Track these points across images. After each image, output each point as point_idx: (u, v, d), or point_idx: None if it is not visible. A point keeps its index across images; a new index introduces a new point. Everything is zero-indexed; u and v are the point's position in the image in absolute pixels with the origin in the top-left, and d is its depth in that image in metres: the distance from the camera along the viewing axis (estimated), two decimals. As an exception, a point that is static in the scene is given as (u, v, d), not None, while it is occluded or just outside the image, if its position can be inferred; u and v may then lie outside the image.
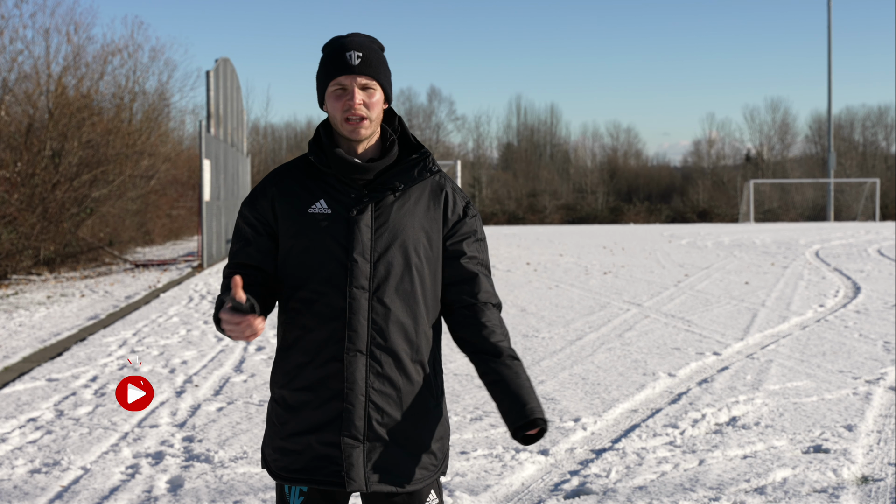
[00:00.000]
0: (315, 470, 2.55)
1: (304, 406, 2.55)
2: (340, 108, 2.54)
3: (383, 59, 2.60)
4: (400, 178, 2.59)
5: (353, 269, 2.52)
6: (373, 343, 2.53)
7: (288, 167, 2.66)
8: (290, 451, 2.57)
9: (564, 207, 53.76)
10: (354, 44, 2.55)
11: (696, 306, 11.80)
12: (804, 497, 4.58)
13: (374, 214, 2.55)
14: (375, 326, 2.53)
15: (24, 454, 5.46)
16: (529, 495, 4.69)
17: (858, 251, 21.51)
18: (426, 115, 60.72)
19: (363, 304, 2.52)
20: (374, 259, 2.54)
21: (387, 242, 2.54)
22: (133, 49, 26.50)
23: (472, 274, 2.62)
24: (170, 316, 11.45)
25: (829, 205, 46.37)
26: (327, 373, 2.53)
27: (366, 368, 2.53)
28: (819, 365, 7.86)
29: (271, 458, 2.63)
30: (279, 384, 2.61)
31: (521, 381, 2.55)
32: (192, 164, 31.33)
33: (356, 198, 2.56)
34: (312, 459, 2.55)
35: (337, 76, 2.54)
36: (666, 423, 5.97)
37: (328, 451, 2.53)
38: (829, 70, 45.02)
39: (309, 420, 2.55)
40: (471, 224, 2.65)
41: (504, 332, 2.62)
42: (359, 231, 2.53)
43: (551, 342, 9.20)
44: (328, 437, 2.53)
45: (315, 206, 2.56)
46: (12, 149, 17.54)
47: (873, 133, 61.07)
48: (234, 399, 6.80)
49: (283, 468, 2.59)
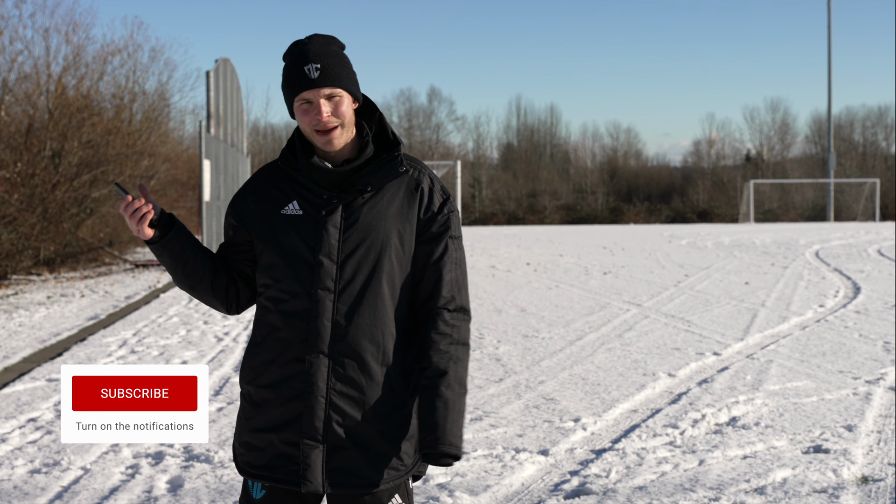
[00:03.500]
0: (275, 468, 2.56)
1: (268, 403, 2.58)
2: (309, 123, 2.54)
3: (344, 62, 2.57)
4: (370, 178, 2.57)
5: (319, 270, 2.53)
6: (335, 345, 2.53)
7: (264, 170, 2.70)
8: (254, 447, 2.60)
9: (564, 208, 53.75)
10: (311, 54, 2.53)
11: (696, 306, 11.80)
12: (804, 497, 4.58)
13: (344, 216, 2.55)
14: (339, 328, 2.53)
15: (24, 454, 5.46)
16: (529, 495, 4.69)
17: (858, 251, 21.51)
18: (426, 115, 60.70)
19: (327, 306, 2.52)
20: (340, 260, 2.54)
21: (355, 243, 2.54)
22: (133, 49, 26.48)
23: (437, 275, 2.59)
24: (170, 316, 11.45)
25: (829, 205, 46.37)
26: (290, 372, 2.55)
27: (328, 370, 2.53)
28: (819, 365, 7.86)
29: (238, 451, 2.66)
30: (246, 379, 2.63)
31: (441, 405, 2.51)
32: (192, 165, 31.30)
33: (327, 199, 2.56)
34: (273, 457, 2.56)
35: (299, 92, 2.53)
36: (666, 424, 5.97)
37: (288, 451, 2.55)
38: (829, 70, 45.04)
39: (272, 417, 2.57)
40: (442, 220, 2.60)
41: (450, 342, 2.55)
42: (326, 233, 2.54)
43: (551, 342, 9.20)
44: (288, 437, 2.55)
45: (288, 207, 2.59)
46: (12, 149, 17.54)
47: (873, 133, 61.05)
48: (233, 399, 6.80)
49: (247, 463, 2.62)
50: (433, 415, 2.50)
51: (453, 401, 2.53)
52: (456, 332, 2.57)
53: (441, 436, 2.49)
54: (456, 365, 2.55)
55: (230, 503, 4.59)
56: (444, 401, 2.51)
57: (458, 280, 2.60)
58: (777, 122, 62.25)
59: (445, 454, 2.49)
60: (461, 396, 2.55)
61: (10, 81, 19.12)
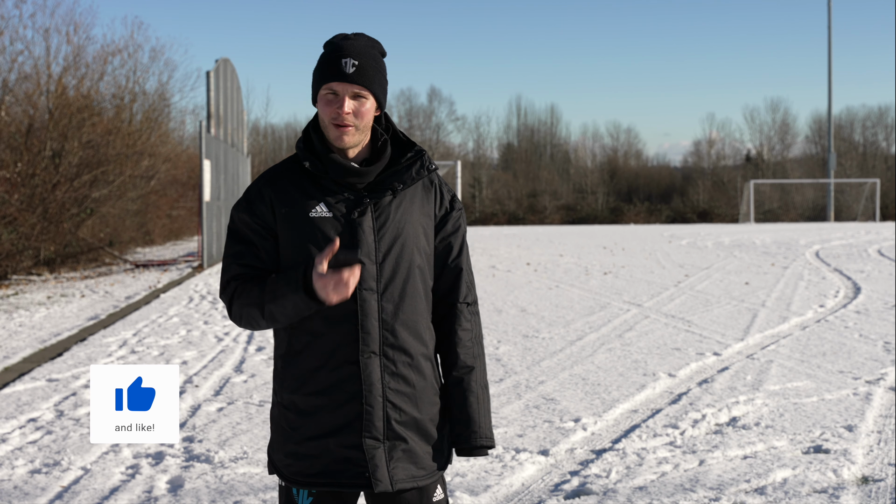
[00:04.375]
0: (337, 473, 2.55)
1: (319, 410, 2.55)
2: (329, 114, 2.54)
3: (381, 67, 2.58)
4: (398, 177, 2.59)
5: (361, 271, 2.51)
6: (385, 343, 2.55)
7: (280, 169, 2.64)
8: (306, 456, 2.56)
9: (564, 208, 53.75)
10: (353, 50, 2.53)
11: (696, 307, 11.80)
12: (804, 497, 4.58)
13: (375, 215, 2.56)
14: (387, 326, 2.55)
15: (24, 454, 5.46)
16: (529, 495, 4.69)
17: (858, 251, 21.51)
18: (426, 115, 60.70)
19: (373, 306, 2.53)
20: (379, 260, 2.55)
21: (389, 242, 2.55)
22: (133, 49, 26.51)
23: (457, 271, 2.68)
24: (170, 316, 11.45)
25: (830, 205, 46.37)
26: (342, 376, 2.54)
27: (381, 369, 2.55)
28: (819, 365, 7.86)
29: (282, 463, 2.60)
30: (289, 389, 2.58)
31: (473, 400, 2.64)
32: (192, 165, 31.31)
33: (355, 200, 2.55)
34: (332, 462, 2.54)
35: (330, 82, 2.53)
36: (666, 424, 5.97)
37: (348, 454, 2.54)
38: (829, 70, 45.04)
39: (325, 424, 2.54)
40: (456, 217, 2.69)
41: (472, 337, 2.67)
42: (363, 233, 2.54)
43: (551, 342, 9.20)
44: (348, 440, 2.54)
45: (315, 209, 2.55)
46: (12, 149, 17.54)
47: (873, 133, 61.06)
48: (234, 399, 6.80)
49: (299, 473, 2.57)
50: (467, 410, 2.64)
51: (482, 395, 2.68)
52: (476, 327, 2.69)
53: (477, 430, 2.64)
54: (480, 361, 2.69)
55: (230, 503, 4.59)
56: (476, 396, 2.65)
57: (470, 275, 2.71)
58: (777, 122, 62.27)
59: (482, 446, 2.65)
60: (487, 390, 2.71)
61: (11, 81, 19.14)
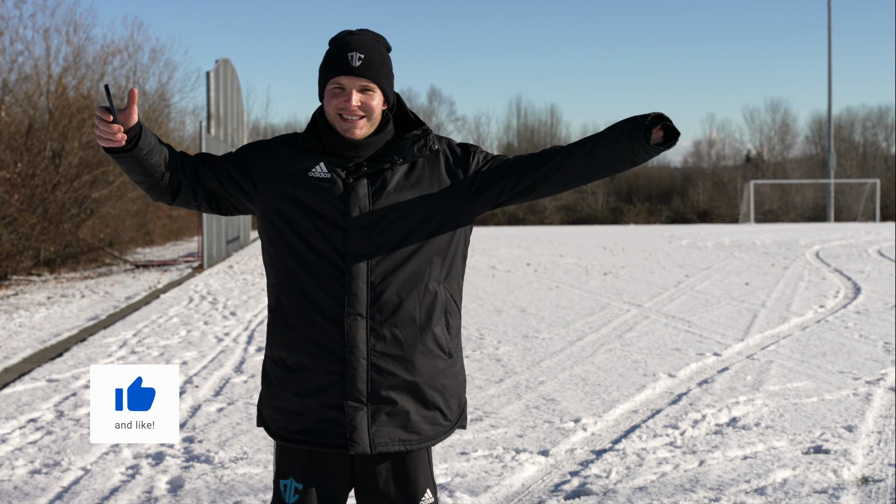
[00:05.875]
0: (318, 433, 2.57)
1: (305, 369, 2.58)
2: (335, 106, 2.57)
3: (386, 61, 2.61)
4: (398, 152, 2.62)
5: (352, 233, 2.54)
6: (373, 306, 2.55)
7: (293, 136, 2.70)
8: (290, 413, 2.60)
9: (565, 208, 53.75)
10: (358, 44, 2.56)
11: (696, 307, 11.80)
12: (804, 498, 4.58)
13: (370, 182, 2.58)
14: (375, 289, 2.55)
15: (24, 455, 5.46)
16: (530, 496, 4.69)
17: (859, 252, 21.51)
18: (426, 115, 60.72)
19: (361, 268, 2.54)
20: (371, 223, 2.56)
21: (384, 208, 2.57)
22: (133, 50, 26.54)
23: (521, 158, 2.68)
24: (170, 317, 11.45)
25: (830, 205, 46.36)
26: (327, 336, 2.55)
27: (366, 331, 2.55)
28: (819, 366, 7.86)
29: (270, 417, 2.65)
30: (277, 345, 2.63)
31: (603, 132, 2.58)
32: (192, 165, 31.27)
33: (355, 167, 2.59)
34: (314, 422, 2.57)
35: (336, 76, 2.55)
36: (666, 424, 5.97)
37: (330, 414, 2.56)
38: (830, 70, 45.03)
39: (310, 382, 2.57)
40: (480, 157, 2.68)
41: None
42: (356, 197, 2.56)
43: (551, 343, 9.20)
44: (330, 400, 2.55)
45: (314, 170, 2.59)
46: (12, 149, 17.54)
47: (873, 134, 61.02)
48: (234, 400, 6.80)
49: (283, 428, 2.61)
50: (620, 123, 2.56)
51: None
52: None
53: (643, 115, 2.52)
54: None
55: (230, 503, 4.59)
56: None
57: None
58: (777, 123, 62.23)
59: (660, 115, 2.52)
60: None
61: (11, 82, 19.14)
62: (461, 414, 2.71)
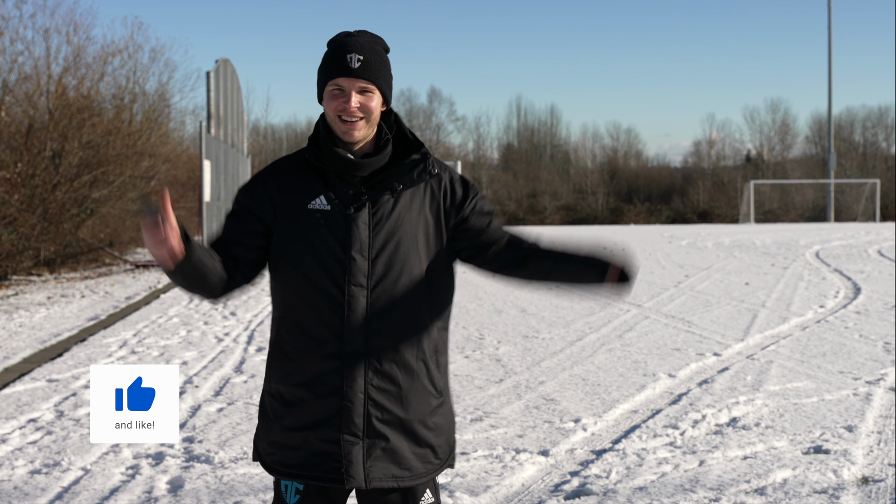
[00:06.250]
0: (313, 466, 2.56)
1: (302, 402, 2.57)
2: (335, 107, 2.56)
3: (385, 62, 2.60)
4: (399, 178, 2.60)
5: (352, 266, 2.53)
6: (371, 341, 2.55)
7: (286, 161, 2.67)
8: (287, 447, 2.59)
9: (565, 208, 53.75)
10: (357, 45, 2.55)
11: (696, 307, 11.80)
12: (804, 498, 4.58)
13: (372, 212, 2.57)
14: (374, 324, 2.54)
15: (24, 455, 5.46)
16: (530, 496, 4.69)
17: (858, 252, 21.50)
18: (426, 115, 60.69)
19: (361, 302, 2.54)
20: (371, 256, 2.55)
21: (384, 239, 2.56)
22: (133, 50, 26.48)
23: (500, 234, 2.70)
24: (170, 317, 11.45)
25: (830, 205, 46.35)
26: (325, 369, 2.55)
27: (365, 366, 2.54)
28: (819, 366, 7.86)
29: (266, 451, 2.65)
30: (276, 379, 2.62)
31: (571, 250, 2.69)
32: (192, 165, 31.27)
33: (354, 195, 2.57)
34: (310, 456, 2.56)
35: (335, 77, 2.55)
36: (666, 424, 5.97)
37: (327, 448, 2.55)
38: (830, 70, 45.03)
39: (307, 416, 2.56)
40: (473, 204, 2.68)
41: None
42: (356, 228, 2.54)
43: (551, 343, 9.20)
44: (327, 434, 2.55)
45: (314, 202, 2.57)
46: (12, 149, 17.53)
47: (873, 134, 61.04)
48: (234, 400, 6.80)
49: (279, 462, 2.61)
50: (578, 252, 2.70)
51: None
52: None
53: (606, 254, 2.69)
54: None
55: (230, 503, 4.59)
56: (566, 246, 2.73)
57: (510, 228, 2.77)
58: (777, 123, 62.25)
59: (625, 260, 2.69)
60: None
61: (11, 82, 19.13)
62: (450, 453, 2.71)
